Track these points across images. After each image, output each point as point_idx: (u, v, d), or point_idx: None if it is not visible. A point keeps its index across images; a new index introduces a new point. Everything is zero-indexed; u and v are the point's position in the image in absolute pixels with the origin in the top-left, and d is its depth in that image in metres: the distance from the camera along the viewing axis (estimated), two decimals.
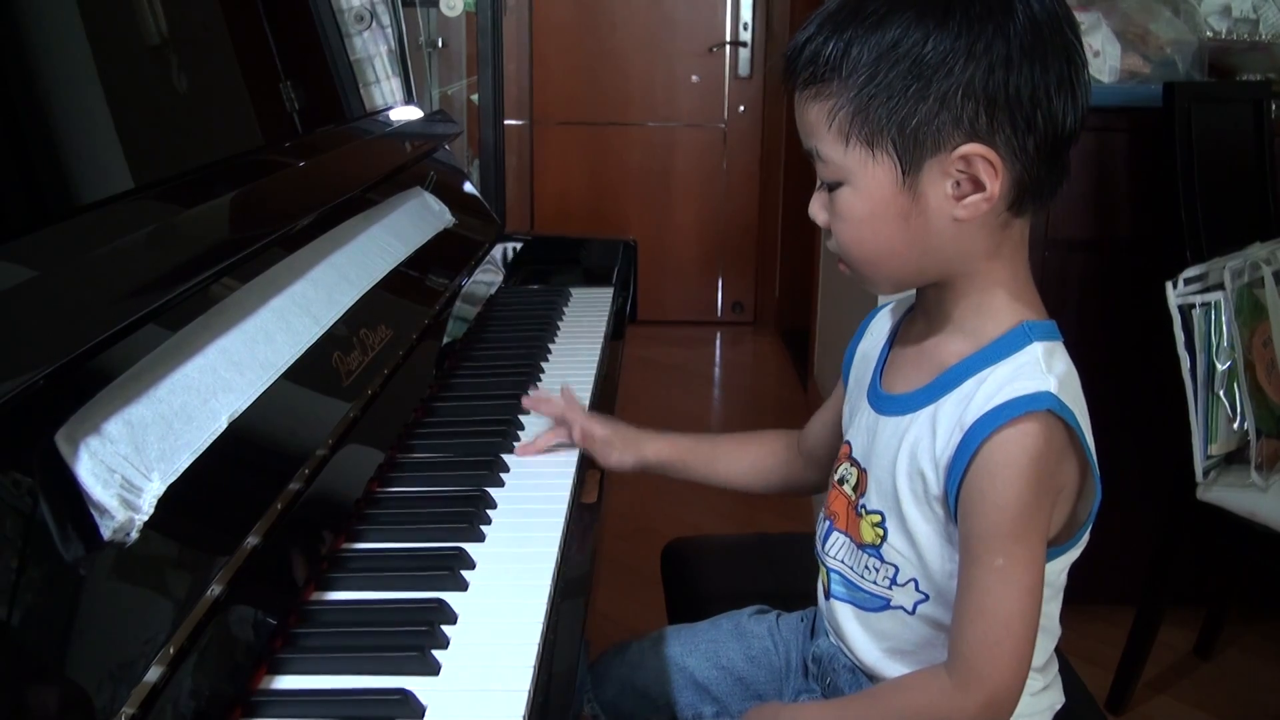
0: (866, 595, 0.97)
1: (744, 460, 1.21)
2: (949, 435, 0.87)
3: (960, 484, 0.86)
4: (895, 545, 0.94)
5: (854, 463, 0.99)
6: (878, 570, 0.95)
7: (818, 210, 0.91)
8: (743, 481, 1.21)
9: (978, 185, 0.84)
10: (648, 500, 2.85)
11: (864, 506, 0.96)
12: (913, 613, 0.94)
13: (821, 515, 1.04)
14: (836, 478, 1.01)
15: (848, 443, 1.01)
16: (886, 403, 0.96)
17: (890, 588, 0.95)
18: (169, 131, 1.04)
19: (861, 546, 0.97)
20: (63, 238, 0.79)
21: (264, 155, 1.20)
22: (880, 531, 0.95)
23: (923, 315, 0.96)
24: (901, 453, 0.92)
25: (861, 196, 0.87)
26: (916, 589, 0.93)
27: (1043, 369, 0.86)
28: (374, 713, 0.72)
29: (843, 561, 1.00)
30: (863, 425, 0.98)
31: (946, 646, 0.89)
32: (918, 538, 0.91)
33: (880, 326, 1.03)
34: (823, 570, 1.03)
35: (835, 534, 1.01)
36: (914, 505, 0.91)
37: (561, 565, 0.91)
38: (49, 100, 0.86)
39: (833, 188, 0.89)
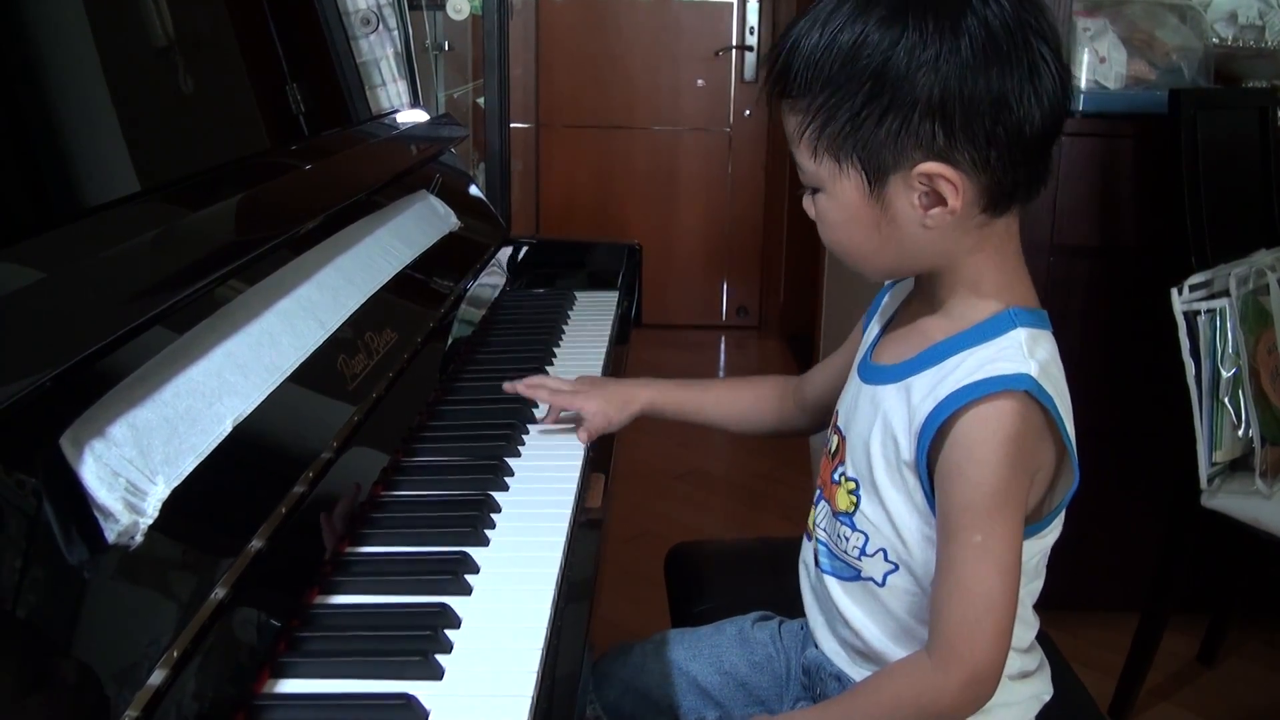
0: (842, 564, 0.99)
1: (737, 404, 1.26)
2: (922, 402, 0.89)
3: (930, 453, 0.88)
4: (867, 513, 0.95)
5: (837, 430, 1.01)
6: (848, 539, 0.97)
7: (809, 207, 0.94)
8: (734, 424, 1.26)
9: (941, 199, 0.86)
10: (652, 504, 2.85)
11: (842, 473, 0.98)
12: (882, 584, 0.95)
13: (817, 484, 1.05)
14: (827, 446, 1.03)
15: (837, 410, 1.03)
16: (872, 372, 0.98)
17: (860, 558, 0.96)
18: (175, 134, 1.04)
19: (837, 514, 0.99)
20: (68, 240, 0.79)
21: (270, 158, 1.20)
22: (854, 499, 0.96)
23: (918, 294, 0.98)
24: (878, 420, 0.94)
25: (835, 204, 0.90)
26: (885, 559, 0.94)
27: (1024, 353, 0.87)
28: (377, 717, 0.72)
29: (824, 530, 1.02)
30: (849, 393, 1.01)
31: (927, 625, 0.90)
32: (889, 505, 0.93)
33: (888, 303, 1.06)
34: (813, 541, 1.04)
35: (822, 503, 1.03)
36: (885, 472, 0.93)
37: (565, 569, 0.91)
38: (55, 103, 0.86)
39: (814, 192, 0.92)
